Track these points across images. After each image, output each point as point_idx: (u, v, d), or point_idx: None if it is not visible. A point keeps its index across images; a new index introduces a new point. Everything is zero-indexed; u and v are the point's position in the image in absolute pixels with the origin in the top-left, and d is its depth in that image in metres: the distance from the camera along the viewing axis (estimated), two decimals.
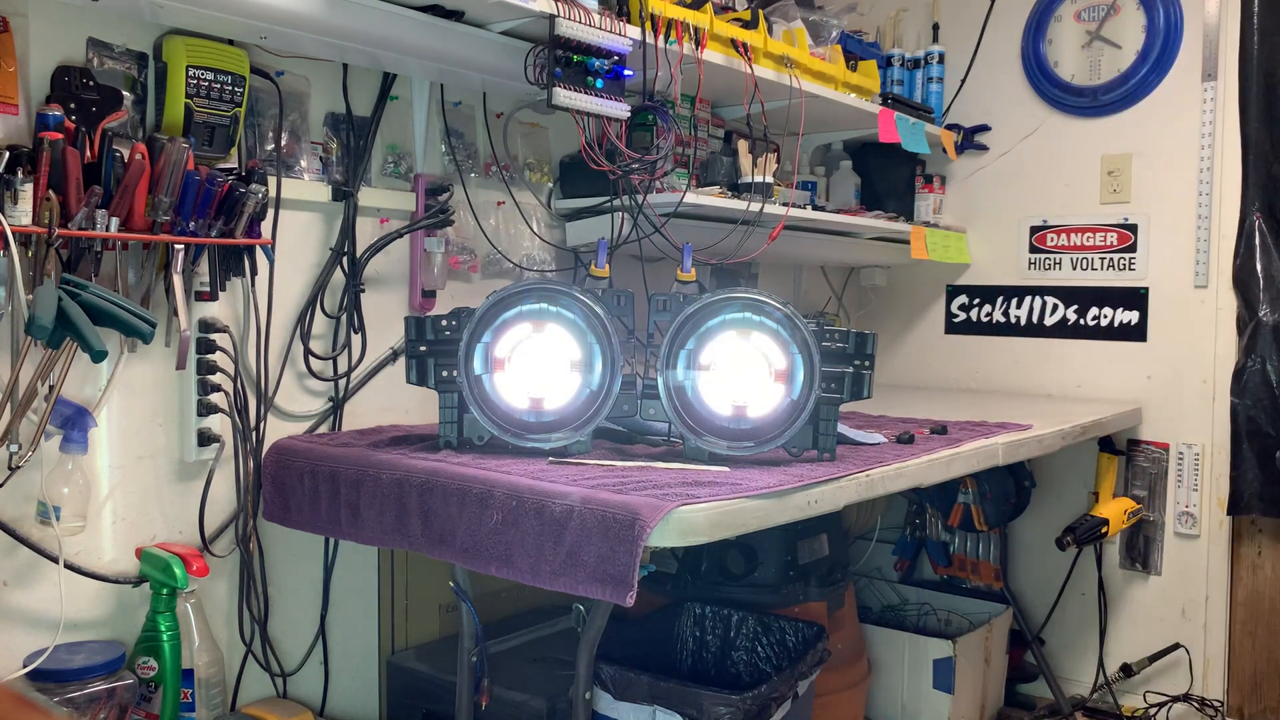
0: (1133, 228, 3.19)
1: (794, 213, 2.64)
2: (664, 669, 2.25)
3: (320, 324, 2.11)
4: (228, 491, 1.95)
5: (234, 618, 1.98)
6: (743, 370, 1.82)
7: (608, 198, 2.43)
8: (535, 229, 2.48)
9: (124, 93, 1.76)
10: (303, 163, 2.05)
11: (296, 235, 2.05)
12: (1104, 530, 2.95)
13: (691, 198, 2.40)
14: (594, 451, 1.87)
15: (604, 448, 1.95)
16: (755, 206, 2.52)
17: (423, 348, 1.86)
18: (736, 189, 2.65)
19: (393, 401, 2.23)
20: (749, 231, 2.55)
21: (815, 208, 2.94)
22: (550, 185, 2.54)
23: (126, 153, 1.67)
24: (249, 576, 1.97)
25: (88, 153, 1.66)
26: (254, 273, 1.91)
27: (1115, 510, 3.01)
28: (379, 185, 2.19)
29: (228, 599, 1.98)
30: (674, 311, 1.86)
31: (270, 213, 1.96)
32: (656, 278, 2.54)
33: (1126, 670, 3.14)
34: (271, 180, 1.96)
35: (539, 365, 1.83)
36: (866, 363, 1.87)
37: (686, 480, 1.62)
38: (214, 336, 1.90)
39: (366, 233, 2.16)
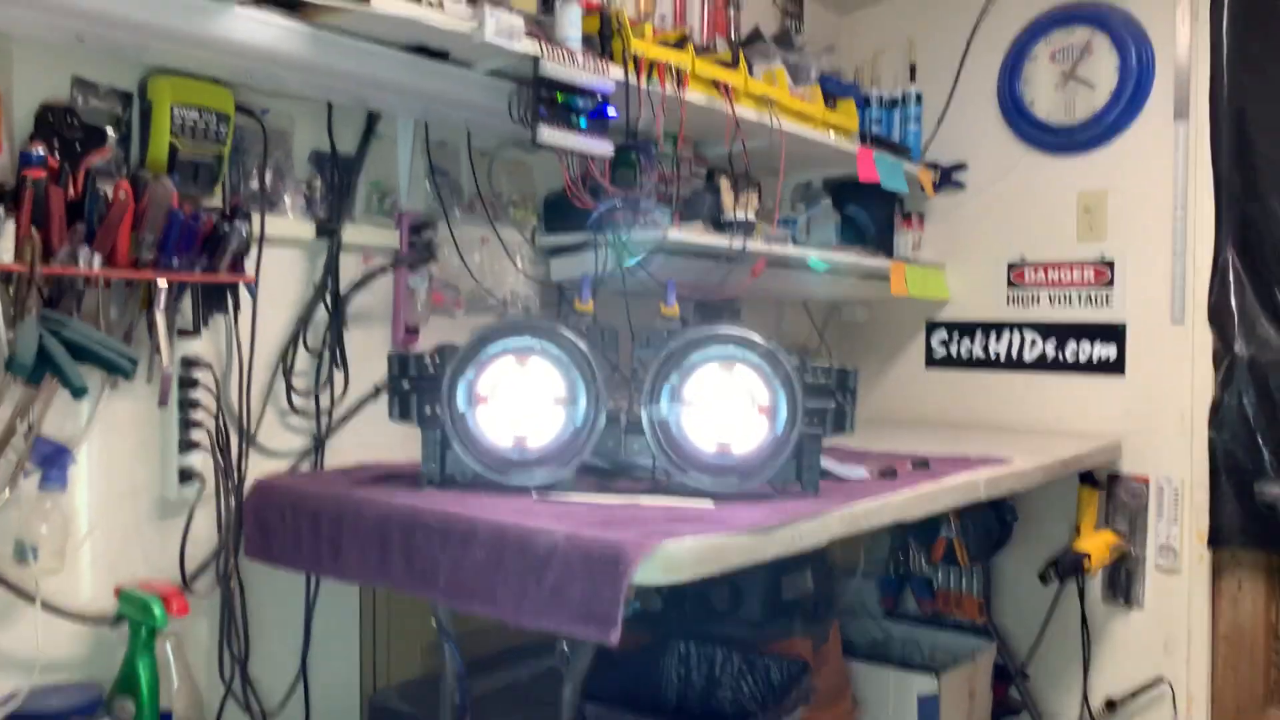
0: (1109, 264, 3.23)
1: (775, 249, 2.66)
2: (649, 707, 2.24)
3: (303, 360, 2.11)
4: (209, 529, 1.94)
5: (214, 657, 1.96)
6: (726, 405, 1.83)
7: (591, 234, 2.44)
8: (519, 265, 2.49)
9: (108, 130, 1.77)
10: (287, 200, 2.06)
11: (280, 272, 2.05)
12: (1086, 564, 2.96)
13: (675, 234, 2.41)
14: (578, 487, 1.87)
15: (588, 484, 1.94)
16: (738, 243, 2.54)
17: (405, 384, 1.86)
18: (719, 226, 2.67)
19: (376, 438, 2.22)
20: (731, 268, 2.56)
21: (796, 244, 2.96)
22: (534, 222, 2.55)
23: (110, 190, 1.67)
24: (229, 615, 1.95)
25: (71, 190, 1.66)
26: (237, 309, 1.91)
27: (1097, 544, 3.02)
28: (363, 222, 2.19)
29: (208, 637, 1.95)
30: (657, 347, 1.87)
31: (254, 250, 1.96)
32: (640, 312, 2.55)
33: (1110, 705, 3.15)
34: (255, 217, 1.96)
35: (523, 401, 1.83)
36: (849, 398, 1.88)
37: (671, 516, 1.62)
38: (196, 373, 1.89)
39: (350, 269, 2.17)
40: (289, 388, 2.07)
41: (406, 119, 2.24)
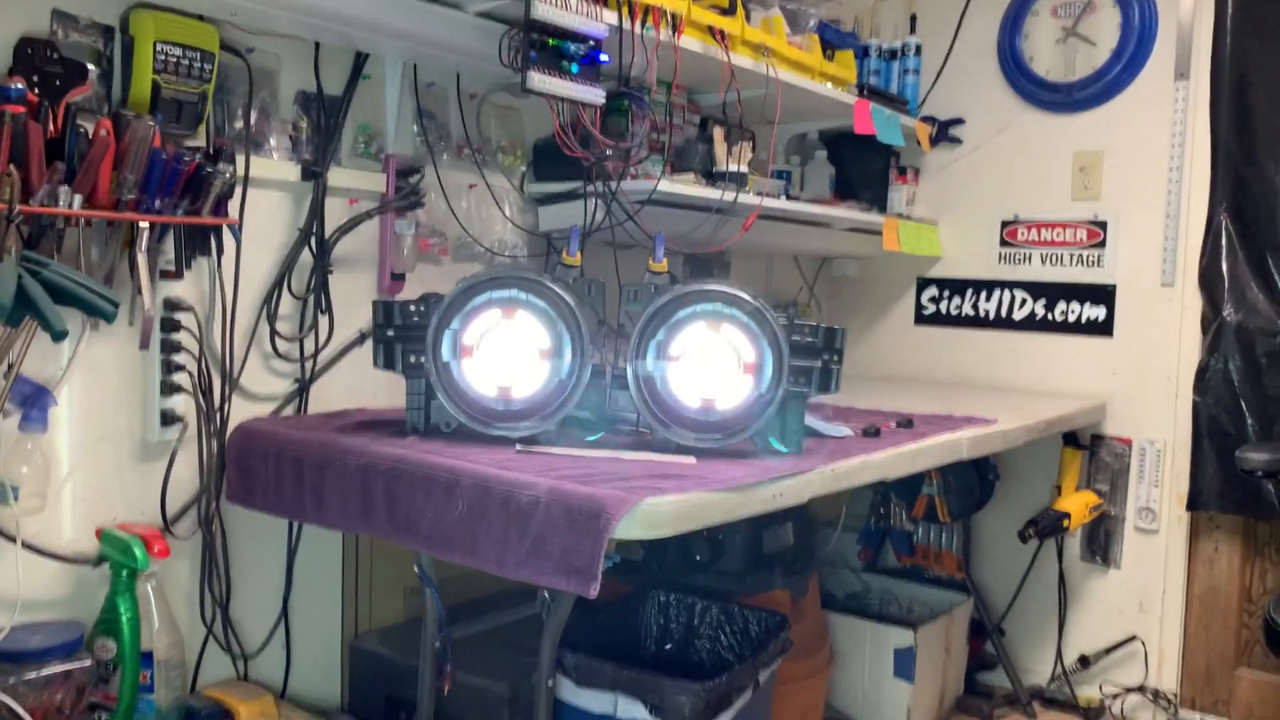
0: (1102, 225, 3.22)
1: (768, 203, 2.64)
2: (628, 656, 2.26)
3: (287, 305, 2.09)
4: (190, 473, 1.94)
5: (195, 599, 1.97)
6: (712, 362, 1.82)
7: (581, 183, 2.42)
8: (507, 213, 2.46)
9: (89, 67, 1.73)
10: (272, 141, 2.03)
11: (264, 214, 2.03)
12: (1065, 524, 2.99)
13: (666, 185, 2.39)
14: (562, 440, 1.87)
15: (572, 436, 1.94)
16: (729, 196, 2.51)
17: (390, 333, 1.85)
18: (711, 177, 2.65)
19: (360, 384, 2.21)
20: (723, 220, 2.54)
21: (789, 197, 2.94)
22: (523, 169, 2.52)
23: (91, 128, 1.64)
24: (211, 558, 1.96)
25: (51, 127, 1.62)
26: (220, 252, 1.89)
27: (1077, 504, 3.05)
28: (349, 165, 2.16)
29: (189, 580, 1.96)
30: (645, 302, 1.86)
31: (238, 191, 1.93)
32: (629, 264, 2.53)
33: (1084, 661, 3.19)
34: (240, 159, 1.93)
35: (508, 353, 1.82)
36: (835, 357, 1.87)
37: (653, 472, 1.62)
38: (178, 316, 1.87)
39: (335, 213, 2.14)
40: (273, 332, 2.05)
41: (395, 60, 2.21)
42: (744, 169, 2.63)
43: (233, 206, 1.90)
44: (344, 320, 2.17)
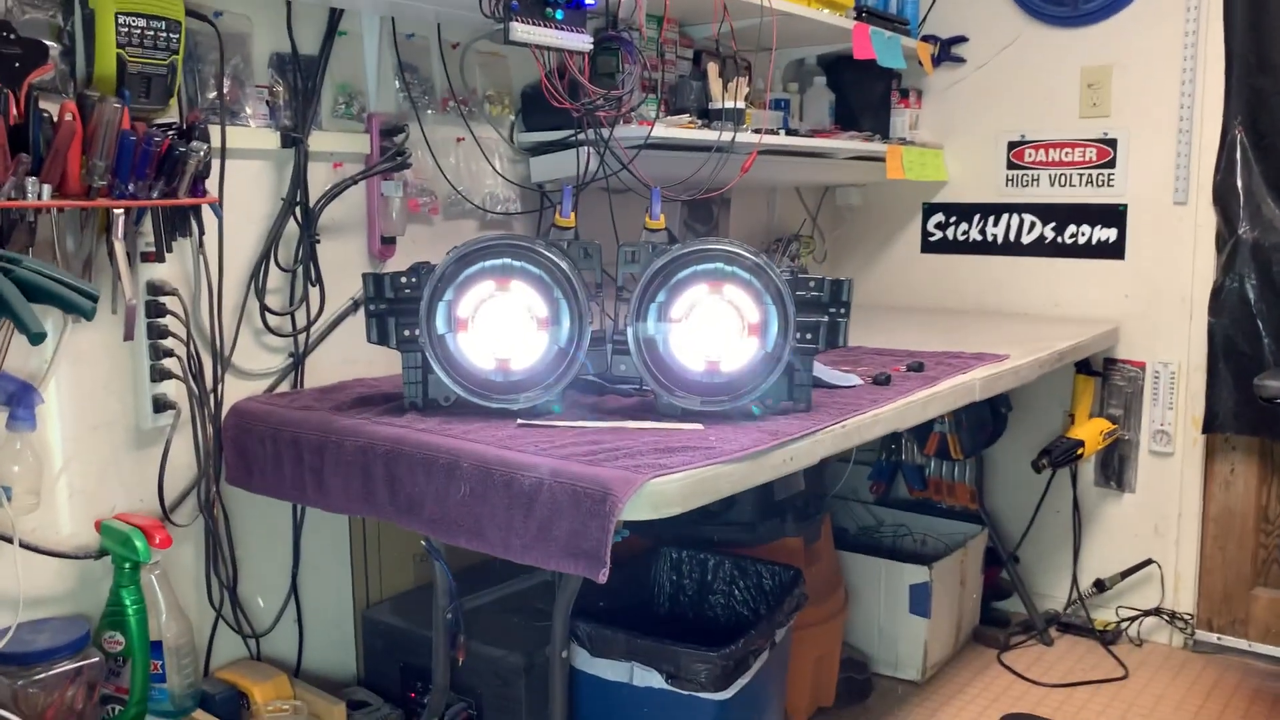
0: (1112, 143, 3.12)
1: (767, 138, 2.55)
2: (642, 614, 2.25)
3: (275, 278, 2.03)
4: (188, 458, 1.90)
5: (202, 584, 1.94)
6: (715, 323, 1.77)
7: (572, 132, 2.33)
8: (498, 166, 2.38)
9: (49, 44, 1.64)
10: (248, 109, 1.94)
11: (245, 186, 1.96)
12: (1080, 452, 2.96)
13: (660, 130, 2.30)
14: (564, 404, 1.82)
15: (574, 401, 1.90)
16: (727, 136, 2.42)
17: (382, 306, 1.79)
18: (707, 116, 2.55)
19: (355, 354, 2.16)
20: (723, 160, 2.46)
21: (788, 130, 2.84)
22: (511, 118, 2.43)
23: (55, 111, 1.56)
24: (214, 542, 1.93)
25: (13, 112, 1.55)
26: (201, 232, 1.82)
27: (1091, 431, 3.01)
28: (330, 128, 2.08)
29: (195, 564, 1.94)
30: (644, 263, 1.80)
31: (216, 165, 1.86)
32: (626, 212, 2.46)
33: (1099, 585, 3.19)
34: (215, 130, 1.85)
35: (504, 323, 1.76)
36: (842, 310, 1.81)
37: (659, 445, 1.58)
38: (163, 299, 1.81)
39: (320, 179, 2.07)
40: (263, 307, 1.99)
41: (371, 14, 2.11)
42: (741, 105, 2.53)
43: (211, 183, 1.83)
44: (335, 290, 2.11)
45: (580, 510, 1.43)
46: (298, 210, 2.02)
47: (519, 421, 1.73)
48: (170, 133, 1.71)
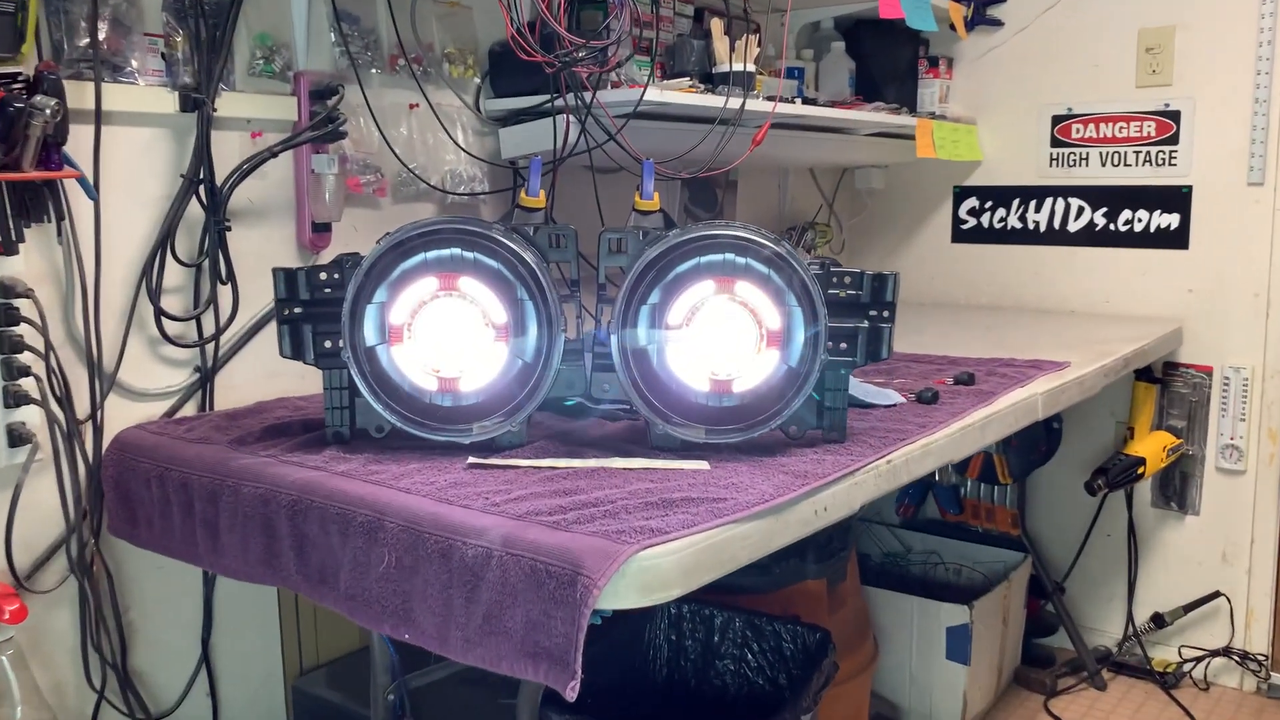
0: (1175, 115, 2.72)
1: (782, 108, 2.15)
2: (634, 684, 1.85)
3: (175, 275, 1.63)
4: (54, 503, 1.50)
5: (79, 659, 1.55)
6: (724, 330, 1.37)
7: (550, 96, 1.93)
8: (460, 138, 1.98)
9: None
10: (134, 62, 1.55)
11: (132, 159, 1.56)
12: (1140, 471, 2.57)
13: (655, 94, 1.90)
14: (531, 436, 1.43)
15: (544, 430, 1.50)
16: (735, 103, 2.03)
17: (297, 310, 1.40)
18: (710, 80, 2.16)
19: (281, 367, 1.74)
20: (729, 133, 2.06)
21: (805, 100, 2.44)
22: (477, 81, 2.04)
23: None
24: (95, 608, 1.54)
25: None
26: (63, 215, 1.43)
27: (1153, 447, 2.62)
28: (246, 89, 1.69)
29: (72, 635, 1.54)
30: (633, 253, 1.40)
31: (87, 131, 1.46)
32: (614, 196, 2.07)
33: (1158, 620, 2.80)
34: (88, 87, 1.46)
35: (452, 332, 1.36)
36: (885, 313, 1.43)
37: (651, 496, 1.18)
38: (15, 303, 1.42)
39: (232, 152, 1.67)
40: (158, 311, 1.60)
41: None
42: (751, 68, 2.13)
43: (81, 153, 1.43)
44: (252, 289, 1.71)
45: (541, 595, 1.04)
46: (202, 190, 1.62)
47: (469, 460, 1.33)
48: (15, 86, 1.31)
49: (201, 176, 1.61)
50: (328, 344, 1.39)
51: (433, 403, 1.37)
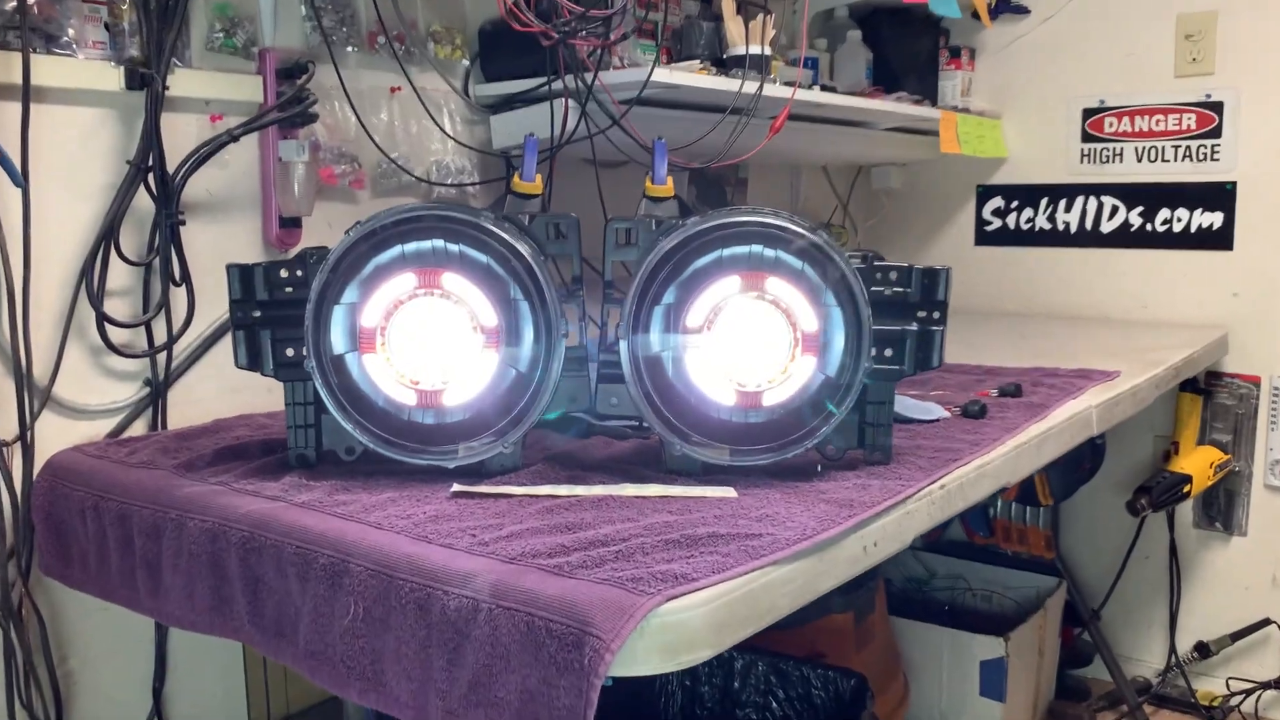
0: (1217, 106, 2.54)
1: (801, 94, 1.96)
2: None
3: (121, 275, 1.44)
4: None
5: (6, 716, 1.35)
6: (752, 335, 1.18)
7: (546, 78, 1.74)
8: (447, 126, 1.79)
9: None
10: (71, 31, 1.35)
11: (69, 143, 1.37)
12: (1186, 489, 2.38)
13: (664, 75, 1.71)
14: (527, 460, 1.23)
15: (541, 451, 1.30)
16: (750, 87, 1.83)
17: (255, 313, 1.20)
18: (722, 65, 1.97)
19: (246, 379, 1.54)
20: (742, 123, 1.87)
21: (823, 89, 2.25)
22: (466, 64, 1.85)
23: None
24: (23, 659, 1.33)
25: None
26: None
27: (1199, 464, 2.43)
28: (203, 65, 1.49)
29: None
30: (644, 246, 1.21)
31: (12, 108, 1.27)
32: (617, 189, 1.87)
33: (1203, 650, 2.60)
34: (14, 58, 1.26)
35: (434, 338, 1.17)
36: (936, 314, 1.23)
37: (671, 532, 0.98)
38: None
39: (188, 137, 1.47)
40: (100, 316, 1.40)
41: None
42: (767, 50, 1.95)
43: (6, 133, 1.24)
44: (211, 291, 1.51)
45: (540, 658, 0.84)
46: (151, 179, 1.42)
47: (454, 488, 1.13)
48: None
49: (151, 163, 1.41)
50: (289, 352, 1.19)
51: (411, 420, 1.17)
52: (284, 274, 1.19)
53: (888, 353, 1.21)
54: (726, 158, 1.90)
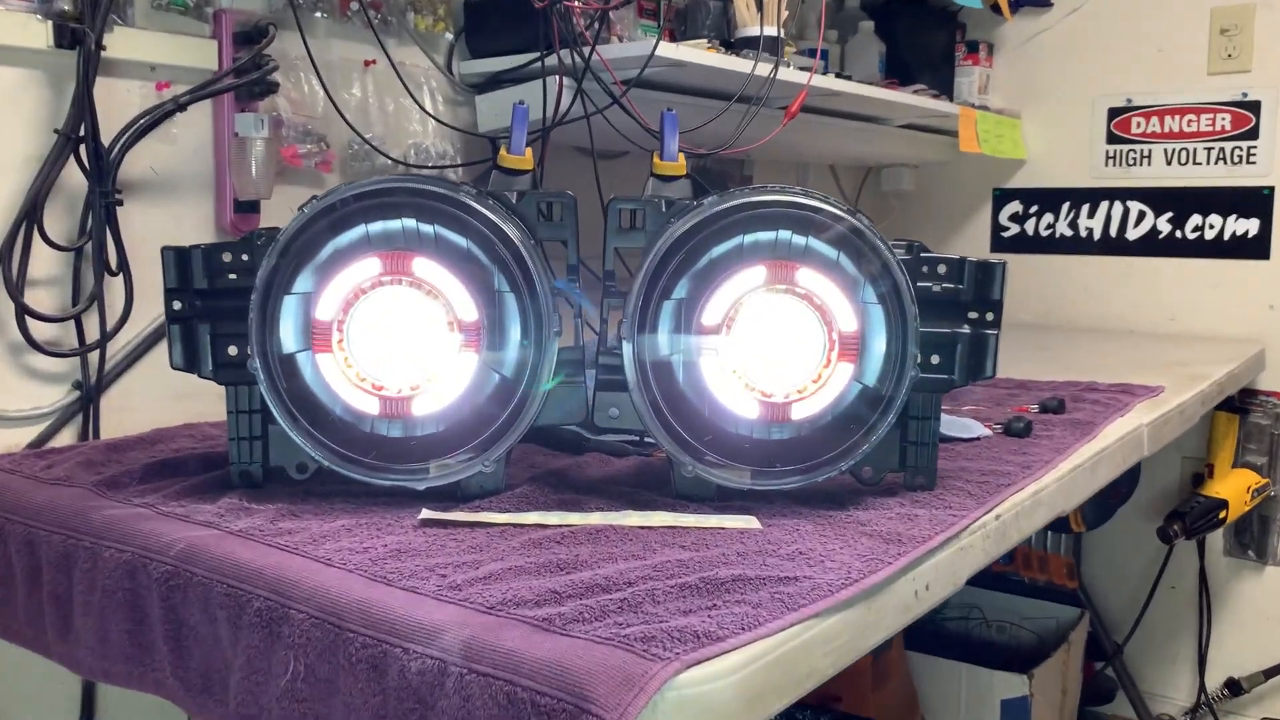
0: (1254, 106, 2.38)
1: (818, 81, 1.79)
2: None
3: (47, 261, 1.25)
4: None
5: None
6: (778, 335, 1.00)
7: (539, 54, 1.56)
8: (428, 104, 1.61)
9: None
10: None
11: None
12: (1222, 515, 2.21)
13: (670, 51, 1.54)
14: (511, 482, 1.05)
15: (528, 470, 1.12)
16: (764, 69, 1.66)
17: (195, 304, 1.02)
18: (730, 46, 1.80)
19: (195, 383, 1.37)
20: (752, 111, 1.69)
21: (839, 74, 2.09)
22: (450, 38, 1.67)
23: None
24: None
25: None
26: None
27: (1236, 488, 2.26)
28: (147, 25, 1.31)
29: None
30: (652, 231, 1.03)
31: None
32: (616, 184, 1.69)
33: (1234, 687, 2.44)
34: None
35: (401, 334, 0.99)
36: (991, 315, 1.06)
37: (687, 574, 0.80)
38: None
39: (129, 105, 1.29)
40: (20, 308, 1.21)
41: None
42: (780, 32, 1.78)
43: None
44: (153, 282, 1.32)
45: None
46: (84, 151, 1.24)
47: (423, 514, 0.95)
48: None
49: (83, 133, 1.23)
50: (232, 350, 1.01)
51: (374, 432, 0.99)
52: (226, 258, 1.01)
53: (935, 359, 1.04)
54: (734, 146, 1.73)
